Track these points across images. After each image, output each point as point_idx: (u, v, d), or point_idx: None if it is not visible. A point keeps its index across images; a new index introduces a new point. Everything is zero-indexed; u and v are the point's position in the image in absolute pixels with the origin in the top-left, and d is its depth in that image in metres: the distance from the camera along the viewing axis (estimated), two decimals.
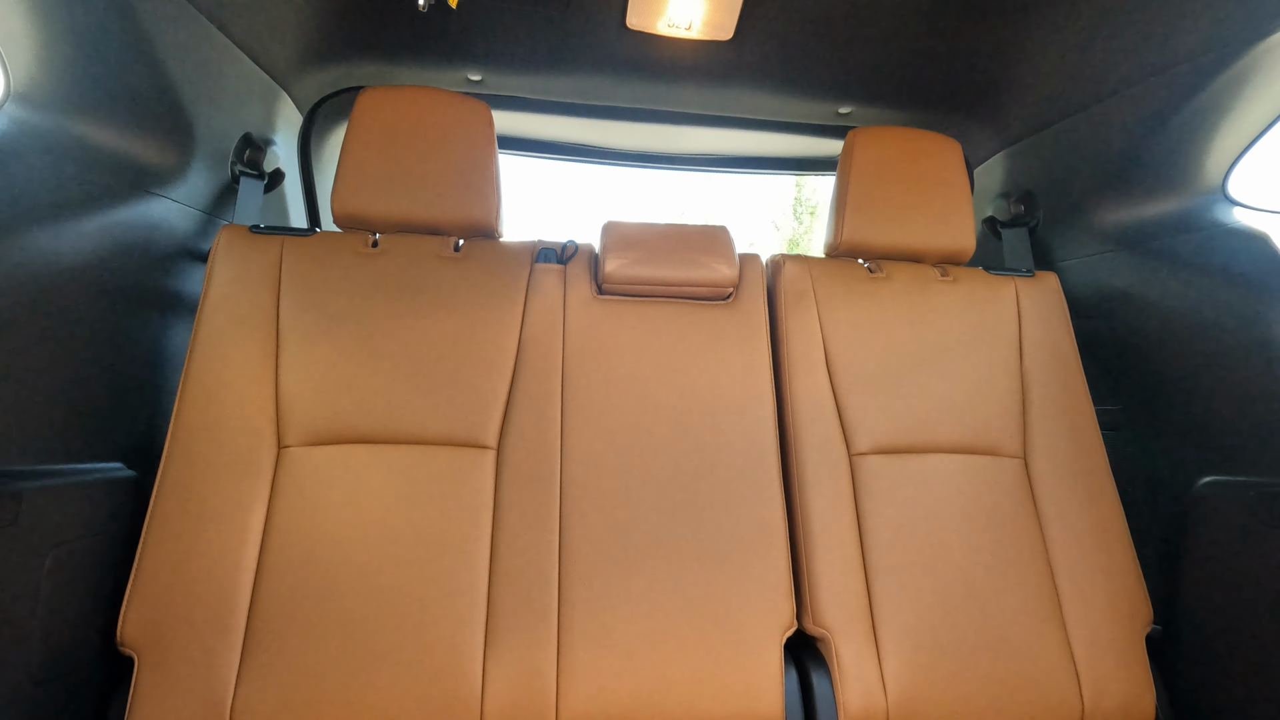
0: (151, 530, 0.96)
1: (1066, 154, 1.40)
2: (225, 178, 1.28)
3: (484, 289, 1.16)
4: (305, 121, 1.53)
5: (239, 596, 0.95)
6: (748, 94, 1.53)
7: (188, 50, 1.11)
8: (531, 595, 1.00)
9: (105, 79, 1.00)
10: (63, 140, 0.96)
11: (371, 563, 0.98)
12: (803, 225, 16.87)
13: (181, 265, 1.19)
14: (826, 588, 1.07)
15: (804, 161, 1.84)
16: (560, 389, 1.13)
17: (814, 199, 18.50)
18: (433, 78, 1.48)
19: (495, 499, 1.05)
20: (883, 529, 1.12)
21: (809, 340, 1.22)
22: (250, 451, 1.02)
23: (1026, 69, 1.34)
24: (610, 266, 1.18)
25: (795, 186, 18.80)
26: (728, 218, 18.84)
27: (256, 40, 1.23)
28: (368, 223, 1.17)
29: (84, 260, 0.97)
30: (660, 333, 1.19)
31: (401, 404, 1.07)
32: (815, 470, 1.14)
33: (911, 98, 1.51)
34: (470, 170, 1.19)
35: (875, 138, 1.31)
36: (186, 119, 1.15)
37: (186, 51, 1.11)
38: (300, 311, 1.10)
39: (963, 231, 1.29)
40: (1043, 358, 1.27)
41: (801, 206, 18.84)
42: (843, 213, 1.28)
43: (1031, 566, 1.12)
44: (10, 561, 0.81)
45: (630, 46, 1.35)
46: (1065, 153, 1.40)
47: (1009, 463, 1.19)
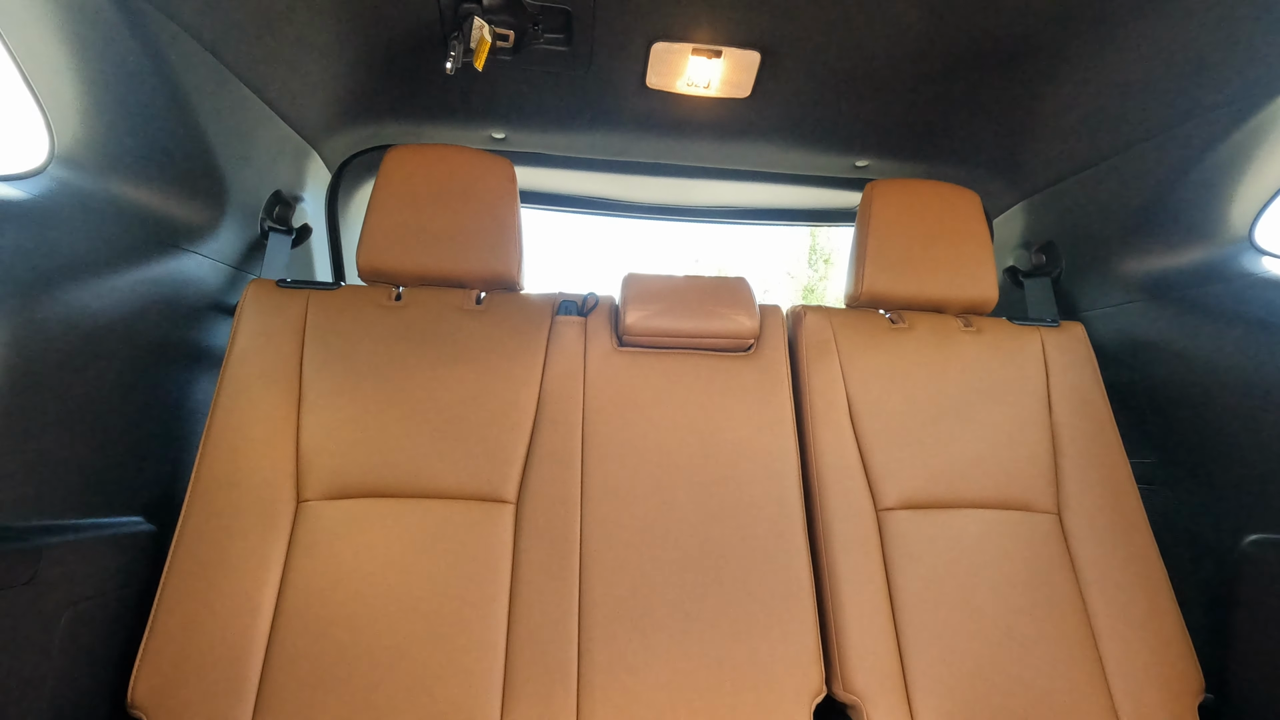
0: (167, 588, 0.95)
1: (1088, 204, 1.40)
2: (254, 233, 1.31)
3: (505, 341, 1.16)
4: (334, 178, 1.58)
5: (253, 656, 0.93)
6: (765, 148, 1.55)
7: (223, 112, 1.15)
8: (550, 656, 0.97)
9: (144, 140, 1.03)
10: (100, 200, 0.98)
11: (388, 619, 0.96)
12: (818, 273, 16.96)
13: (210, 319, 1.21)
14: (856, 651, 1.02)
15: (821, 213, 1.85)
16: (580, 443, 1.12)
17: (829, 247, 18.60)
18: (458, 136, 1.52)
19: (514, 555, 1.03)
20: (913, 588, 1.07)
21: (832, 392, 1.20)
22: (269, 505, 1.01)
23: (1046, 121, 1.35)
24: (631, 318, 1.18)
25: (810, 235, 18.97)
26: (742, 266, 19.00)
27: (289, 102, 1.28)
28: (391, 276, 1.19)
29: (115, 317, 0.99)
30: (681, 385, 1.18)
31: (420, 457, 1.06)
32: (841, 526, 1.11)
33: (929, 150, 1.53)
34: (493, 224, 1.20)
35: (894, 190, 1.31)
36: (220, 177, 1.18)
37: (222, 113, 1.15)
38: (323, 364, 1.10)
39: (985, 281, 1.29)
40: (1073, 409, 1.24)
41: (816, 255, 18.96)
42: (863, 264, 1.28)
43: (1072, 630, 1.07)
44: (25, 621, 0.80)
45: (650, 105, 1.39)
46: (1087, 203, 1.40)
47: (1043, 518, 1.15)
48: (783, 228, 1.95)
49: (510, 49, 1.18)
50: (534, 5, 1.11)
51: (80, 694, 0.89)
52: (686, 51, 1.21)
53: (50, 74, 0.91)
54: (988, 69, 1.24)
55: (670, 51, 1.21)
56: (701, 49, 1.20)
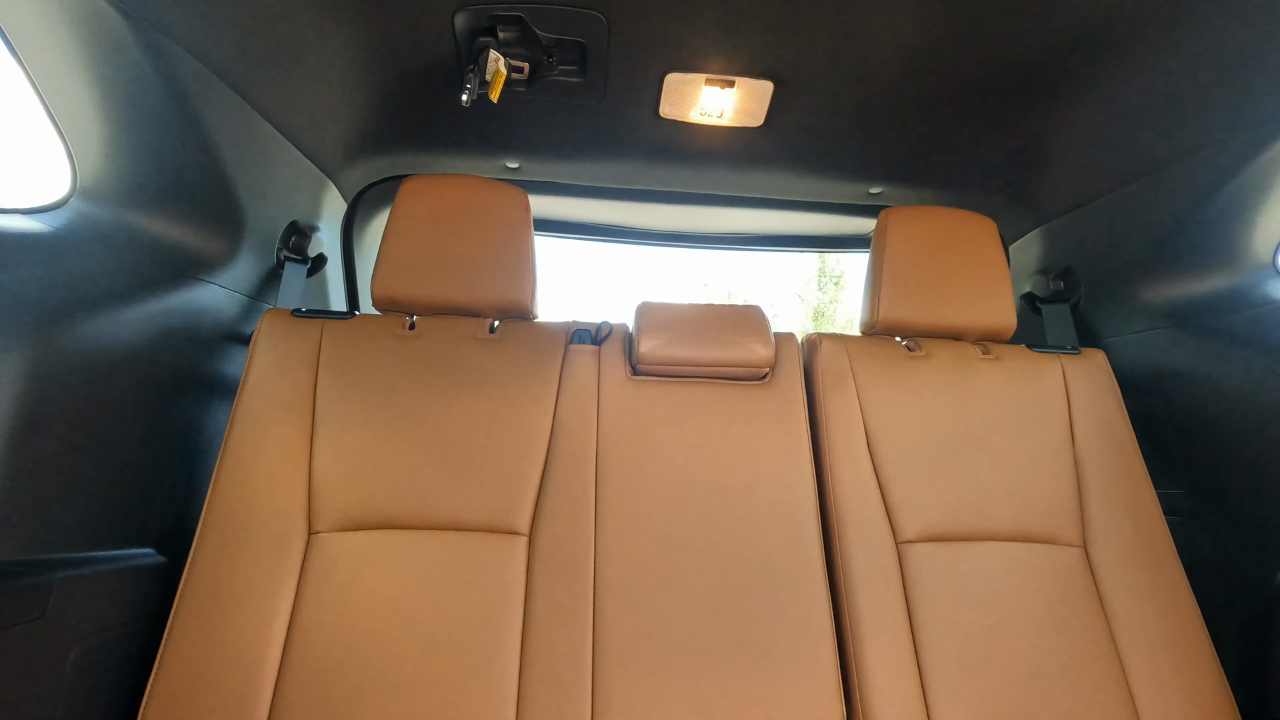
0: (177, 622, 0.94)
1: (1107, 230, 1.38)
2: (270, 263, 1.32)
3: (519, 370, 1.16)
4: (349, 208, 1.59)
5: (262, 690, 0.91)
6: (778, 176, 1.55)
7: (242, 144, 1.16)
8: (564, 695, 0.94)
9: (164, 173, 1.04)
10: (120, 231, 0.99)
11: (398, 655, 0.94)
12: (827, 295, 16.96)
13: (224, 349, 1.21)
14: (878, 688, 0.99)
15: (834, 239, 1.85)
16: (594, 473, 1.10)
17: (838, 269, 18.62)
18: (472, 165, 1.54)
19: (527, 587, 1.01)
20: (936, 623, 1.05)
21: (849, 421, 1.19)
22: (280, 537, 1.00)
23: (1062, 148, 1.34)
24: (645, 347, 1.17)
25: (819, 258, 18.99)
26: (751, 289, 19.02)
27: (307, 134, 1.29)
28: (406, 305, 1.19)
29: (131, 347, 0.99)
30: (696, 414, 1.17)
31: (433, 488, 1.05)
32: (861, 559, 1.08)
33: (944, 177, 1.52)
34: (507, 253, 1.21)
35: (909, 217, 1.31)
36: (237, 208, 1.20)
37: (241, 146, 1.16)
38: (337, 394, 1.10)
39: (1003, 309, 1.27)
40: (1096, 439, 1.21)
41: (825, 277, 18.97)
42: (878, 291, 1.27)
43: (1101, 668, 1.03)
44: (34, 657, 0.79)
45: (663, 134, 1.39)
46: (1106, 229, 1.39)
47: (1068, 552, 1.12)
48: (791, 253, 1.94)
49: (525, 80, 1.19)
50: (548, 38, 1.12)
51: None
52: (700, 82, 1.21)
53: (73, 107, 0.93)
54: (1002, 95, 1.24)
55: (683, 82, 1.22)
56: (715, 79, 1.21)
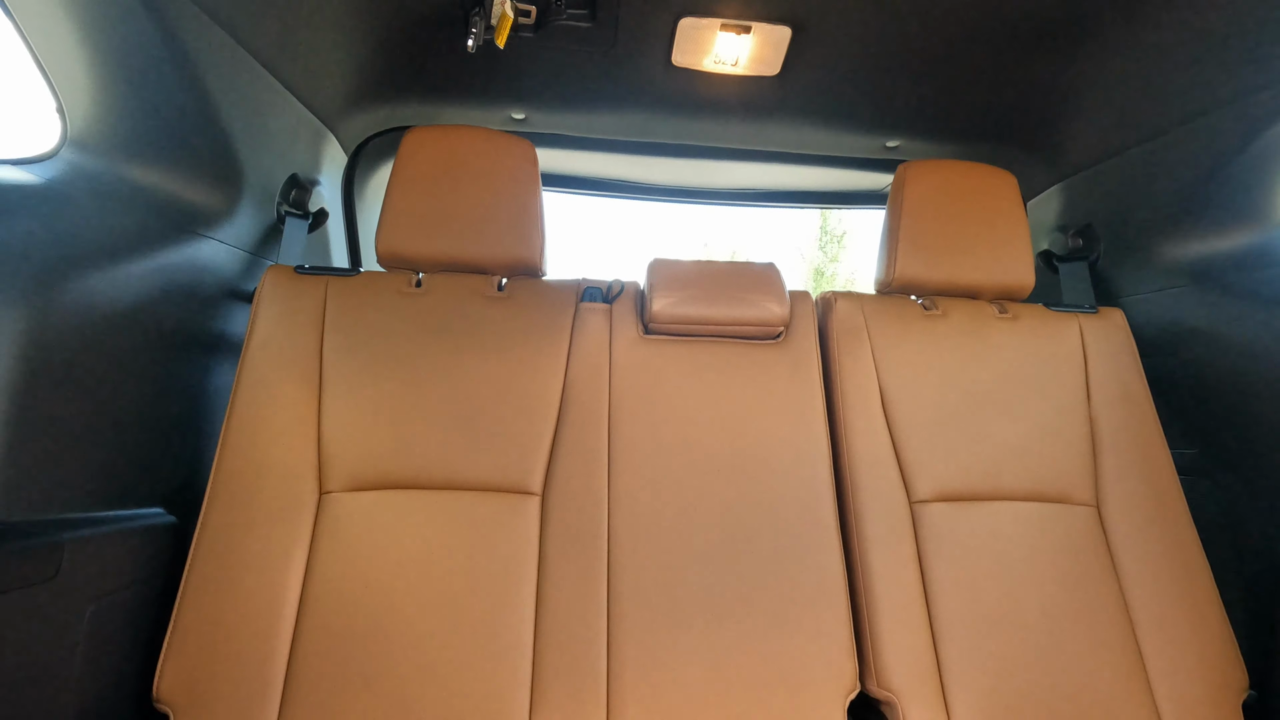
0: (190, 580, 0.93)
1: (1129, 186, 1.35)
2: (271, 218, 1.29)
3: (528, 329, 1.13)
4: (349, 161, 1.54)
5: (278, 649, 0.91)
6: (793, 128, 1.50)
7: (239, 93, 1.11)
8: (579, 653, 0.95)
9: (158, 122, 1.00)
10: (115, 184, 0.96)
11: (413, 614, 0.94)
12: (828, 254, 16.82)
13: (226, 306, 1.18)
14: (891, 646, 1.00)
15: (849, 195, 1.80)
16: (607, 433, 1.09)
17: (840, 228, 18.44)
18: (477, 117, 1.48)
19: (540, 548, 1.01)
20: (948, 582, 1.05)
21: (864, 381, 1.17)
22: (291, 497, 0.99)
23: (1087, 100, 1.30)
24: (658, 305, 1.15)
25: (821, 215, 18.76)
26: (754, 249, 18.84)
27: (306, 82, 1.24)
28: (411, 262, 1.16)
29: (132, 304, 0.96)
30: (709, 374, 1.15)
31: (444, 448, 1.04)
32: (874, 519, 1.08)
33: (962, 130, 1.48)
34: (514, 208, 1.17)
35: (927, 171, 1.27)
36: (235, 161, 1.15)
37: (238, 94, 1.11)
38: (344, 353, 1.08)
39: (1021, 266, 1.24)
40: (1112, 398, 1.20)
41: (827, 235, 18.79)
42: (895, 248, 1.24)
43: (1112, 625, 1.04)
44: (50, 617, 0.78)
45: (675, 83, 1.34)
46: (1128, 185, 1.35)
47: (1081, 511, 1.12)
48: (811, 209, 1.90)
49: (532, 26, 1.14)
50: None
51: (106, 688, 0.88)
52: (715, 27, 1.16)
53: (62, 53, 0.88)
54: (1025, 45, 1.19)
55: (697, 27, 1.16)
56: (730, 24, 1.16)
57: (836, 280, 16.26)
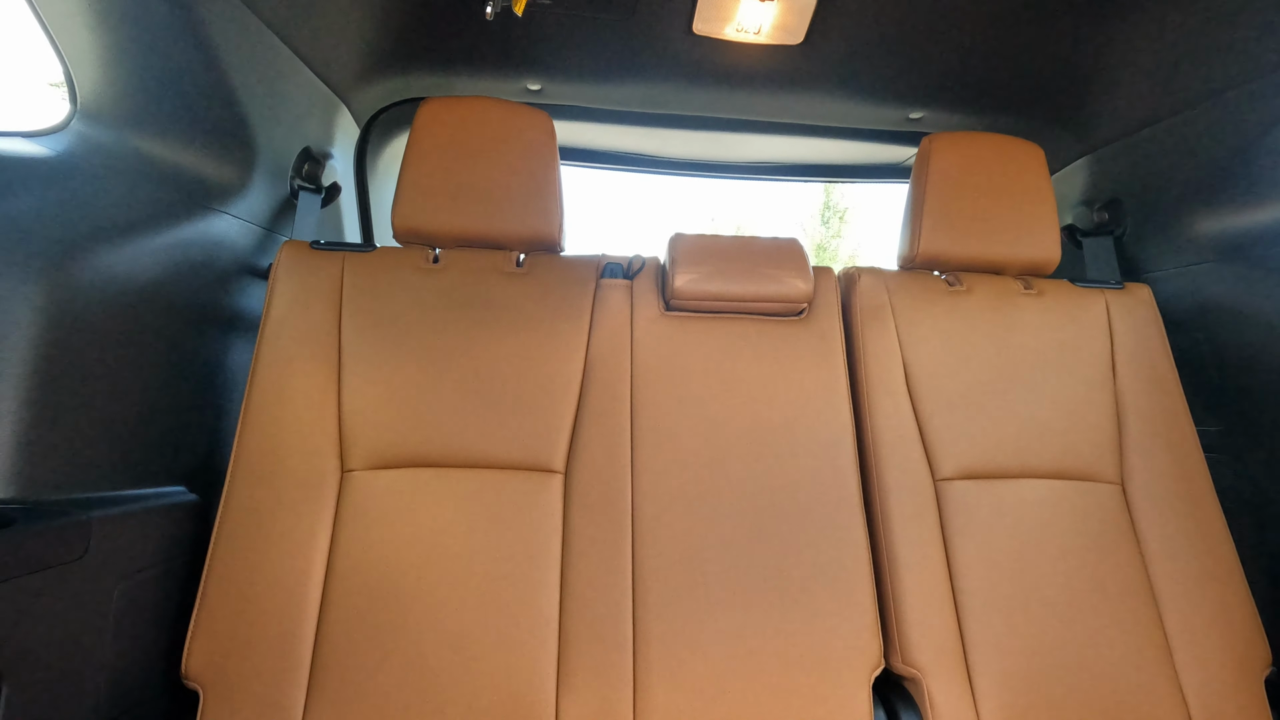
0: (215, 559, 0.93)
1: (1159, 159, 1.32)
2: (283, 192, 1.26)
3: (548, 306, 1.12)
4: (362, 134, 1.51)
5: (304, 627, 0.91)
6: (815, 99, 1.47)
7: (251, 62, 1.08)
8: (605, 630, 0.95)
9: (169, 92, 0.97)
10: (126, 157, 0.93)
11: (438, 592, 0.94)
12: (831, 230, 16.69)
13: (242, 282, 1.16)
14: (915, 624, 1.00)
15: (869, 169, 1.77)
16: (629, 411, 1.08)
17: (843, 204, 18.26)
18: (491, 87, 1.45)
19: (564, 525, 1.00)
20: (972, 560, 1.05)
21: (887, 358, 1.16)
22: (314, 476, 0.99)
23: (1117, 70, 1.26)
24: (680, 281, 1.13)
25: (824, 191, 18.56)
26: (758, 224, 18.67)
27: (319, 51, 1.21)
28: (428, 237, 1.14)
29: (150, 280, 0.95)
30: (731, 351, 1.13)
31: (466, 426, 1.03)
32: (898, 496, 1.07)
33: (987, 101, 1.44)
34: (532, 182, 1.15)
35: (953, 144, 1.24)
36: (248, 133, 1.13)
37: (250, 63, 1.08)
38: (362, 330, 1.06)
39: (1047, 241, 1.22)
40: (1138, 375, 1.19)
41: (830, 211, 18.62)
42: (919, 222, 1.22)
43: (1135, 602, 1.04)
44: (80, 596, 0.78)
45: (696, 52, 1.30)
46: (1157, 158, 1.32)
47: (1105, 489, 1.12)
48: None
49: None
50: None
51: (136, 666, 0.88)
52: None
53: (70, 21, 0.85)
54: (1055, 13, 1.15)
55: None
56: None
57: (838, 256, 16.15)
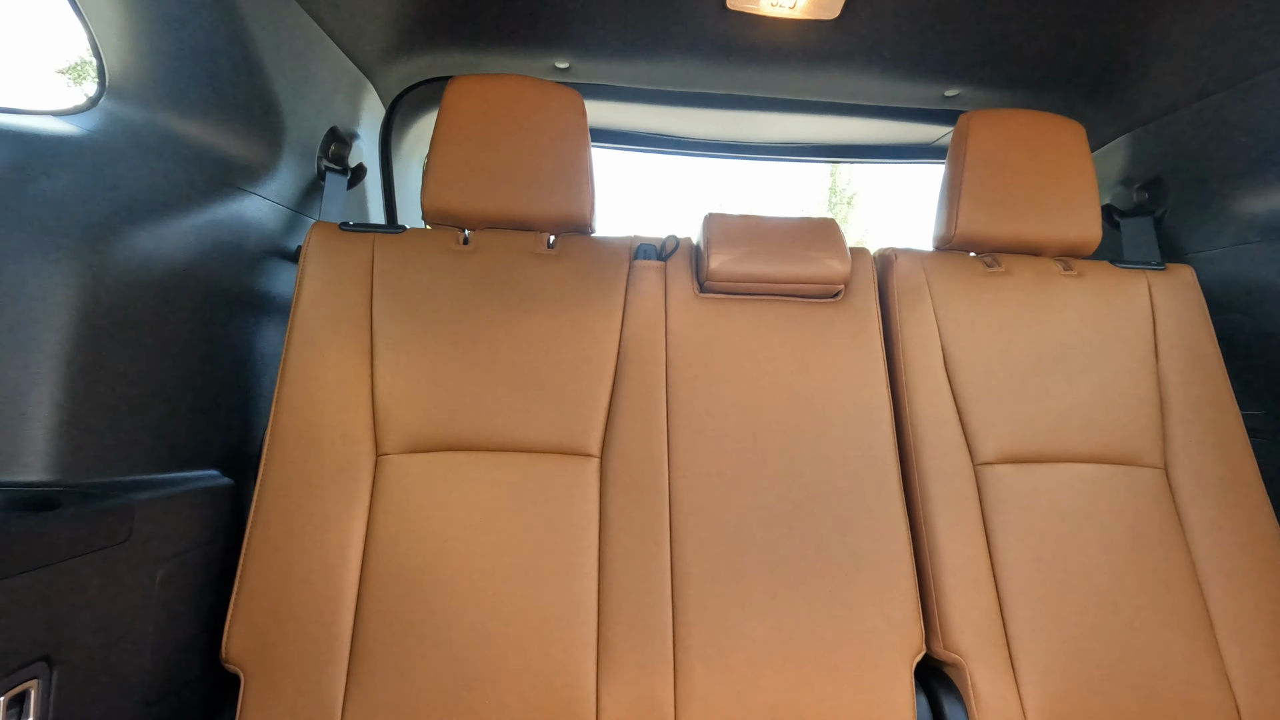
0: (253, 542, 0.92)
1: (1203, 137, 1.28)
2: (310, 173, 1.24)
3: (581, 288, 1.10)
4: (387, 114, 1.49)
5: (343, 611, 0.91)
6: (848, 77, 1.44)
7: (280, 37, 1.06)
8: (644, 614, 0.94)
9: (197, 69, 0.95)
10: (155, 135, 0.92)
11: (475, 576, 0.93)
12: (838, 215, 16.53)
13: (271, 264, 1.15)
14: (957, 609, 0.99)
15: (902, 149, 1.74)
16: (664, 394, 1.07)
17: (850, 189, 18.06)
18: (518, 65, 1.42)
19: (600, 509, 0.99)
20: (1013, 544, 1.03)
21: (925, 340, 1.14)
22: (349, 459, 0.98)
23: (1160, 45, 1.23)
24: (715, 263, 1.11)
25: (830, 175, 18.34)
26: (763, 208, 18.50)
27: (347, 27, 1.19)
28: (458, 218, 1.12)
29: (182, 261, 0.93)
30: (767, 333, 1.12)
31: (501, 409, 1.02)
32: (938, 481, 1.06)
33: (1025, 77, 1.41)
34: (564, 162, 1.13)
35: (992, 121, 1.21)
36: (277, 111, 1.11)
37: (279, 39, 1.06)
38: (394, 313, 1.05)
39: (1088, 221, 1.20)
40: (1181, 358, 1.16)
41: (837, 196, 18.42)
42: (956, 202, 1.19)
43: (1180, 589, 1.02)
44: (124, 580, 0.77)
45: (729, 28, 1.27)
46: (1202, 136, 1.29)
47: (1149, 473, 1.10)
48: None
49: None
50: None
51: (178, 649, 0.87)
52: None
53: None
54: None
55: None
56: None
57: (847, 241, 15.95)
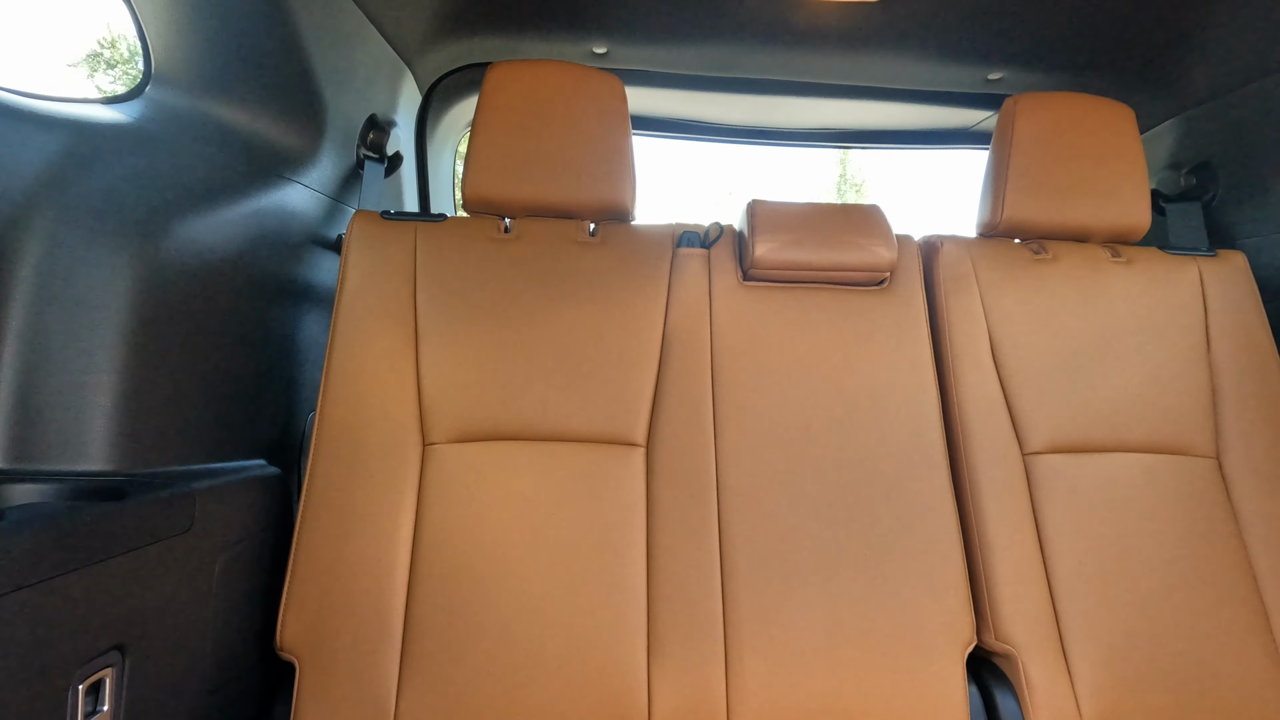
0: (303, 531, 0.92)
1: (1257, 120, 1.26)
2: (349, 161, 1.23)
3: (625, 276, 1.09)
4: (424, 101, 1.48)
5: (394, 600, 0.91)
6: (890, 60, 1.41)
7: (324, 24, 1.05)
8: (694, 604, 0.94)
9: (241, 55, 0.95)
10: (201, 123, 0.91)
11: (525, 564, 0.93)
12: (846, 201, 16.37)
13: (312, 253, 1.14)
14: (1008, 600, 0.98)
15: (941, 134, 1.71)
16: (710, 383, 1.06)
17: (859, 175, 17.90)
18: (555, 51, 1.41)
19: (648, 499, 0.99)
20: (1064, 535, 1.02)
21: (973, 328, 1.12)
22: (396, 449, 0.97)
23: (1214, 25, 1.20)
24: (761, 250, 1.10)
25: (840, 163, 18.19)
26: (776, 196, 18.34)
27: (389, 13, 1.17)
28: (499, 206, 1.11)
29: (230, 250, 0.93)
30: (812, 322, 1.10)
31: (547, 399, 1.01)
32: (987, 470, 1.05)
33: (1071, 60, 1.38)
34: (605, 149, 1.11)
35: (1039, 105, 1.19)
36: (319, 98, 1.10)
37: (323, 26, 1.05)
38: (438, 302, 1.04)
39: (1137, 207, 1.17)
40: (1233, 346, 1.14)
41: (846, 183, 18.26)
42: (1002, 188, 1.17)
43: (1234, 580, 1.01)
44: (187, 568, 0.78)
45: (769, 10, 1.25)
46: (1255, 118, 1.26)
47: (1201, 463, 1.08)
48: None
49: None
50: None
51: (236, 637, 0.88)
52: None
53: None
54: None
55: None
56: None
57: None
